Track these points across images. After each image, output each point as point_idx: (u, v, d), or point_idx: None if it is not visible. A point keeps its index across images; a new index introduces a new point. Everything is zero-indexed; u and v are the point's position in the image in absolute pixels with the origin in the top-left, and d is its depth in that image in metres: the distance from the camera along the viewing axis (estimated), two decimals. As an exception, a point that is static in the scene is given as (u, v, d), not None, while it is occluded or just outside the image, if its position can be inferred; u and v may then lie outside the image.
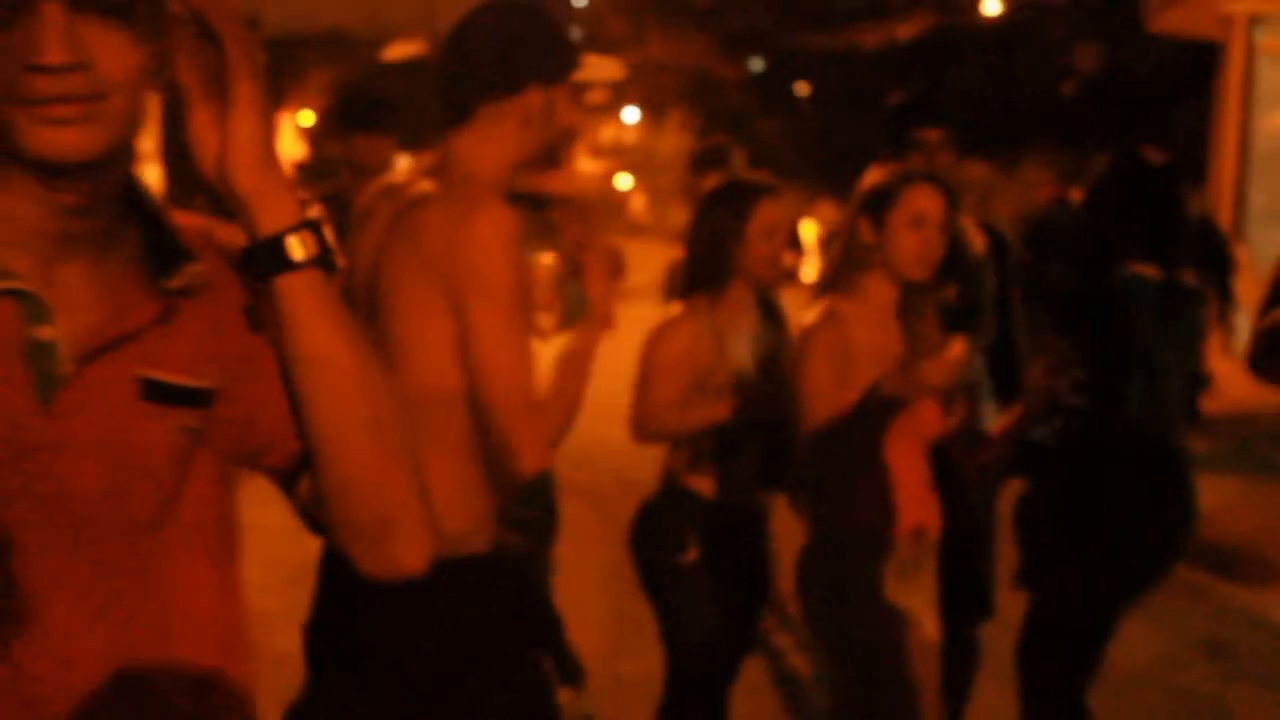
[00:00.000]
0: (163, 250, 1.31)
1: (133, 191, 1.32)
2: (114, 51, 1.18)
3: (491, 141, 2.48)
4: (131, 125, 1.24)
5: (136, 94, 1.22)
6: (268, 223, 1.27)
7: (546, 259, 2.88)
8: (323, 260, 1.30)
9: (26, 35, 1.14)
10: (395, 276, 2.37)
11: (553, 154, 2.60)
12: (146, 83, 1.23)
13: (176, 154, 2.41)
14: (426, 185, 2.43)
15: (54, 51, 1.14)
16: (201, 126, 1.27)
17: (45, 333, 1.24)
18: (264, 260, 1.28)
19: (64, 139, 1.17)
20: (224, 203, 1.30)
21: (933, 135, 4.23)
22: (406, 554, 1.42)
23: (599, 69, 2.52)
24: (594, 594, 5.76)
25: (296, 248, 1.27)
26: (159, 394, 1.30)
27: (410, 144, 7.13)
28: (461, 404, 2.35)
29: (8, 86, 1.16)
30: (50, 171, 1.20)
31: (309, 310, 1.30)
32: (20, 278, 1.24)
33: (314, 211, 1.30)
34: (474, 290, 2.30)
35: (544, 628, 3.13)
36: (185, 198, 2.58)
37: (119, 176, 1.28)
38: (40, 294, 1.24)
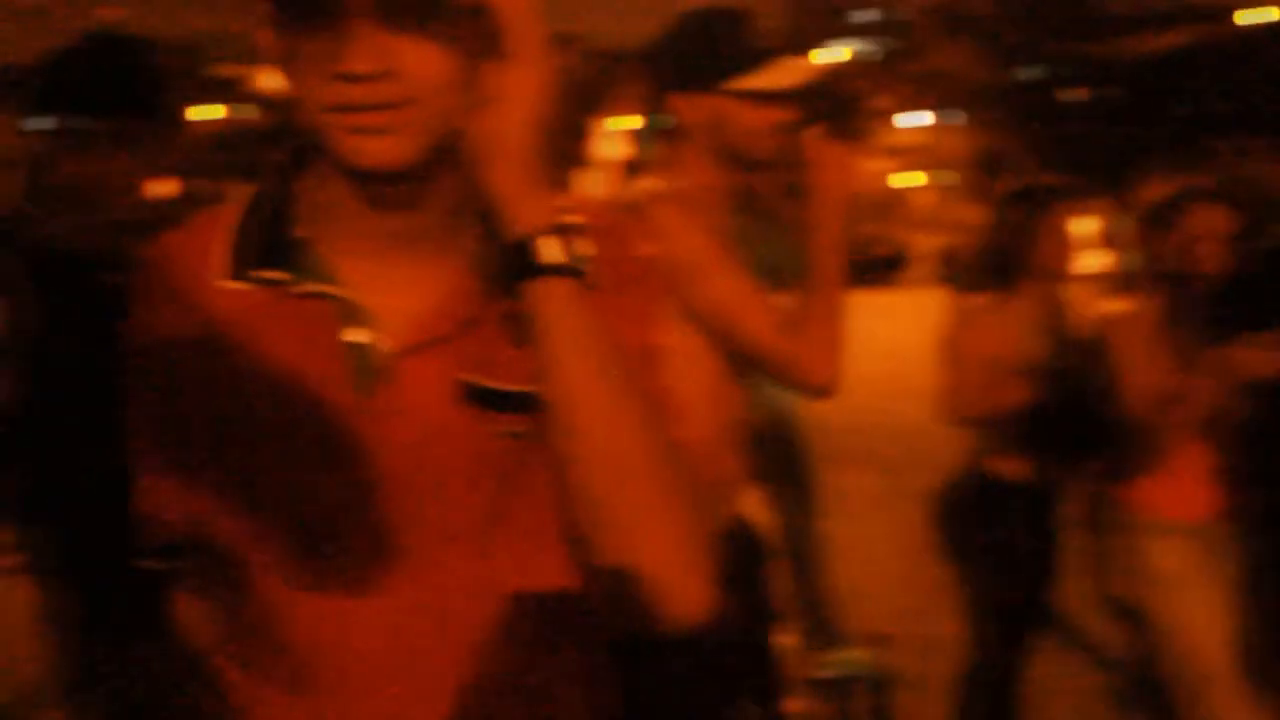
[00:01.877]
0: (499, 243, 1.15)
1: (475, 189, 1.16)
2: (422, 58, 1.06)
3: (678, 145, 2.38)
4: (446, 130, 1.11)
5: (447, 99, 1.09)
6: (519, 225, 1.10)
7: None
8: (574, 269, 1.11)
9: (335, 44, 1.05)
10: None
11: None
12: (457, 87, 1.09)
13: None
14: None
15: (362, 60, 1.04)
16: (481, 124, 1.11)
17: (360, 335, 1.15)
18: (512, 262, 1.11)
19: (373, 147, 1.08)
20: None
21: (1225, 144, 3.98)
22: (667, 608, 1.12)
23: (779, 75, 2.34)
24: (890, 560, 5.64)
25: (545, 251, 1.10)
26: (481, 398, 1.17)
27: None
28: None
29: (318, 93, 1.07)
30: (364, 177, 1.11)
31: (554, 318, 1.10)
32: (337, 281, 1.16)
33: (572, 218, 1.13)
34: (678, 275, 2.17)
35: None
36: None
37: (448, 177, 1.15)
38: (355, 297, 1.15)
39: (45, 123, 2.57)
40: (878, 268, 23.55)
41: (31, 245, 2.44)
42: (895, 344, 11.40)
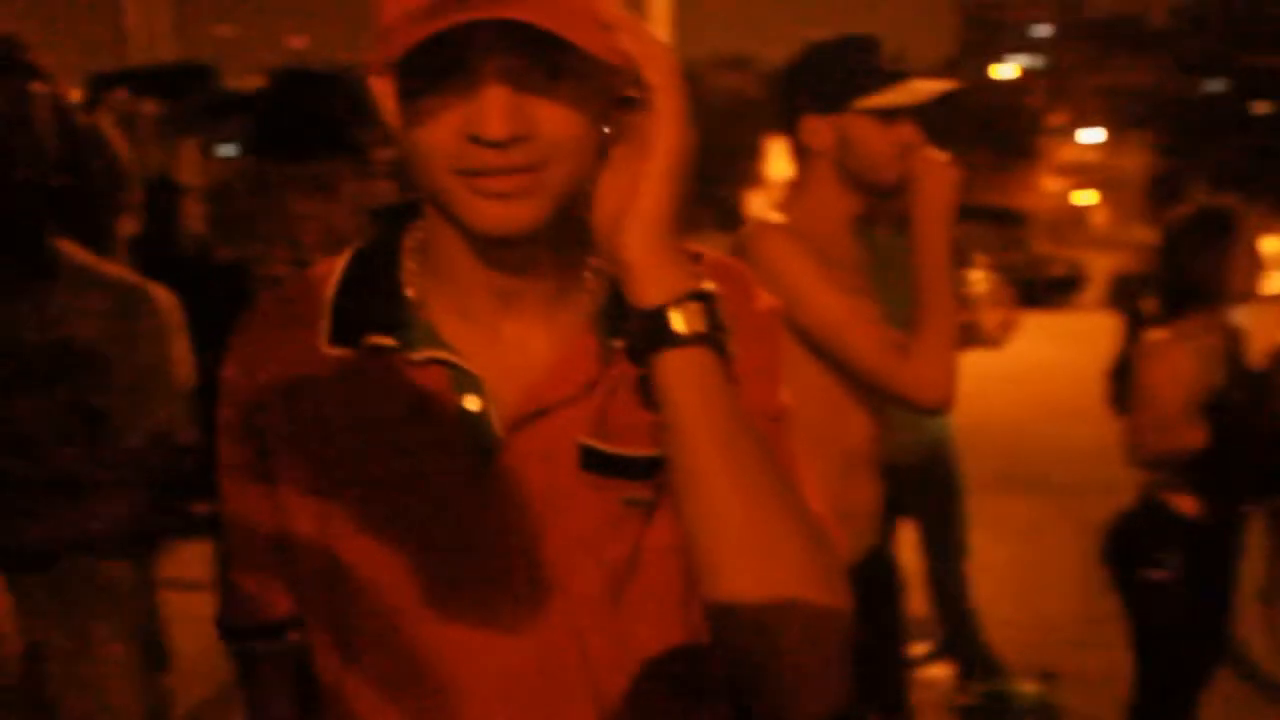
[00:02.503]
0: (621, 302, 1.06)
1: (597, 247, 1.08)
2: (556, 118, 1.00)
3: (808, 168, 2.40)
4: (577, 187, 1.05)
5: (580, 157, 1.03)
6: (652, 293, 1.01)
7: (975, 276, 2.71)
8: (710, 338, 1.01)
9: (468, 105, 0.98)
10: None
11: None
12: (591, 146, 1.04)
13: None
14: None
15: (497, 125, 0.97)
16: (610, 179, 1.04)
17: (473, 403, 1.09)
18: (643, 333, 1.01)
19: (505, 213, 1.01)
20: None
21: None
22: (798, 698, 1.02)
23: (904, 95, 2.31)
24: (1057, 589, 5.49)
25: (680, 321, 1.00)
26: (600, 464, 1.10)
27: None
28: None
29: (447, 154, 1.00)
30: (491, 243, 1.06)
31: (688, 392, 1.00)
32: (451, 346, 1.10)
33: (707, 284, 1.03)
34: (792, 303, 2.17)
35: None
36: (692, 219, 2.61)
37: (571, 230, 1.09)
38: (468, 363, 1.09)
39: (235, 151, 2.68)
40: (1052, 289, 23.00)
41: (208, 273, 2.54)
42: (1069, 367, 11.13)
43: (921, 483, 4.27)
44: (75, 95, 1.95)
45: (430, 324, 1.11)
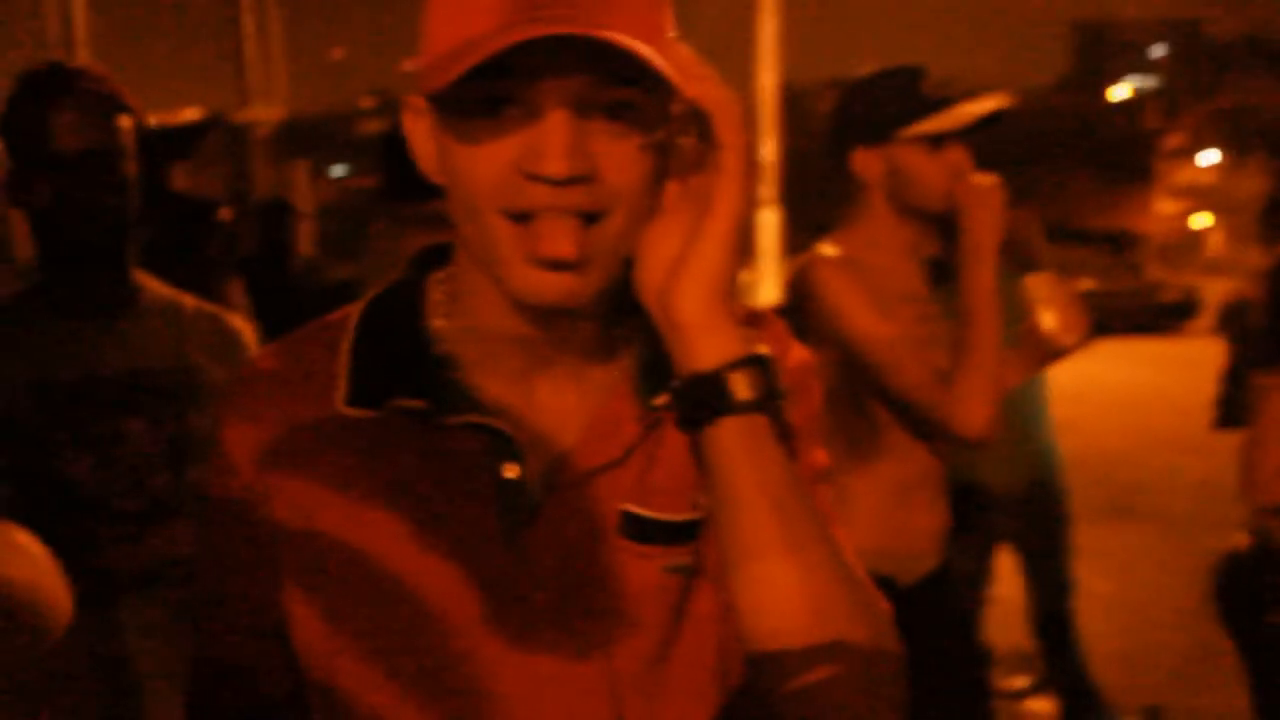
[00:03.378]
0: (659, 359, 1.00)
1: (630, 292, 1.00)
2: (620, 162, 0.92)
3: (860, 201, 2.43)
4: (632, 246, 0.97)
5: (640, 209, 0.95)
6: (706, 356, 0.95)
7: (1036, 281, 2.66)
8: (768, 404, 0.96)
9: (525, 136, 0.90)
10: None
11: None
12: (650, 195, 0.95)
13: (796, 198, 2.49)
14: None
15: (559, 160, 0.88)
16: (661, 234, 0.97)
17: (512, 470, 1.00)
18: (696, 398, 0.95)
19: (558, 285, 0.93)
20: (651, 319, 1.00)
21: None
22: None
23: (951, 119, 2.31)
24: (1169, 622, 5.35)
25: (737, 386, 0.94)
26: (641, 530, 1.03)
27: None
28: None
29: (495, 192, 0.92)
30: (535, 311, 0.98)
31: (743, 462, 0.94)
32: (487, 409, 1.01)
33: (762, 347, 0.97)
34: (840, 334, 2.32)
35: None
36: (803, 244, 2.62)
37: (615, 281, 0.99)
38: (507, 427, 1.00)
39: (345, 172, 2.73)
40: (1164, 314, 22.49)
41: (318, 294, 2.60)
42: (1179, 395, 10.86)
43: (1026, 512, 4.20)
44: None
45: (463, 384, 1.02)
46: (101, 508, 1.91)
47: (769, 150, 14.60)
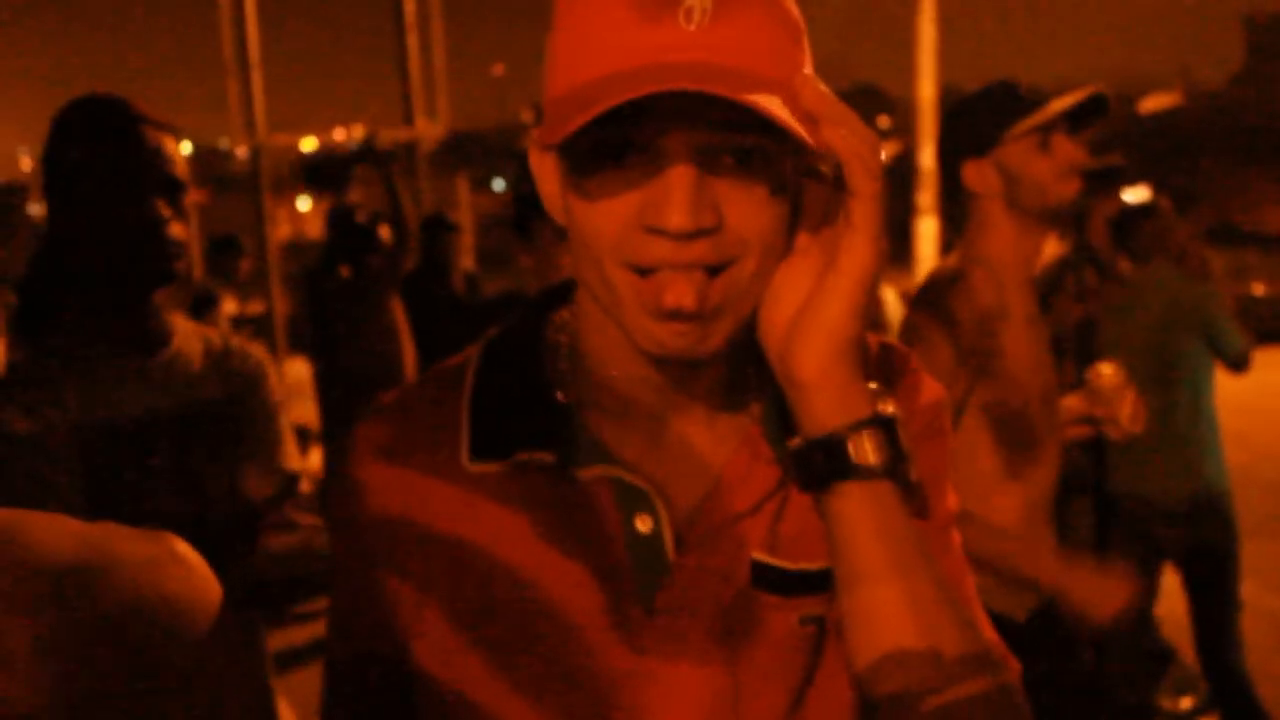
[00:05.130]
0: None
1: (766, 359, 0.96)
2: (747, 210, 0.87)
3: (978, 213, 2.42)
4: (760, 290, 0.91)
5: (768, 259, 0.90)
6: (827, 417, 0.90)
7: (1106, 369, 2.61)
8: (892, 470, 0.91)
9: (647, 189, 0.86)
10: None
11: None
12: (779, 244, 0.91)
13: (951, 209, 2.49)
14: None
15: (681, 214, 0.84)
16: (786, 284, 0.92)
17: (644, 523, 0.96)
18: (816, 462, 0.91)
19: (679, 336, 0.88)
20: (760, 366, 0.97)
21: None
22: None
23: (1047, 112, 2.29)
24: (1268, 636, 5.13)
25: (859, 450, 0.90)
26: (775, 581, 0.99)
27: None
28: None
29: (615, 245, 0.88)
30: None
31: (863, 530, 0.90)
32: (616, 459, 0.97)
33: (887, 405, 0.93)
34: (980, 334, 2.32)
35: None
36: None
37: (745, 326, 0.93)
38: (639, 480, 0.96)
39: (508, 186, 2.79)
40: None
41: (477, 309, 2.66)
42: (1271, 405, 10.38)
43: (1191, 527, 4.08)
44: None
45: (590, 433, 0.98)
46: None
47: (927, 157, 14.40)
